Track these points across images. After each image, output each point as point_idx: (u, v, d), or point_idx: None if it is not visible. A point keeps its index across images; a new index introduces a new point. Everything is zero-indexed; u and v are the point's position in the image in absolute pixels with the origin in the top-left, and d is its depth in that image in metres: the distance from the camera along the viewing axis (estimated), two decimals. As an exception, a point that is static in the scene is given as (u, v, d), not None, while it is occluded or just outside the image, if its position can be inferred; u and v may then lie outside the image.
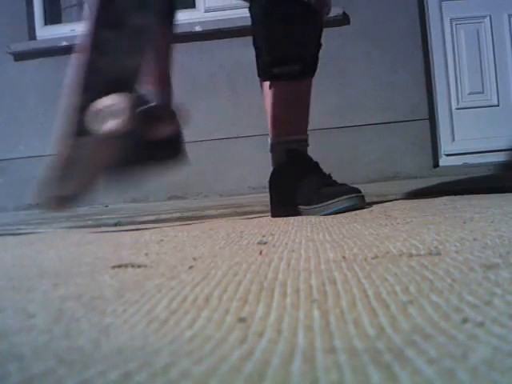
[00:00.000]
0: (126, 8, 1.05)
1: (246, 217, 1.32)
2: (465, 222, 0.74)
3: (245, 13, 1.37)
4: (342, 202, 1.18)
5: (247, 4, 1.32)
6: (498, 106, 2.82)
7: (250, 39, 1.31)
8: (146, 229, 1.17)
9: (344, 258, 0.53)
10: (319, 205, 1.18)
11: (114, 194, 2.51)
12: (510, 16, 2.82)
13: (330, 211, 1.16)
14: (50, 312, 0.39)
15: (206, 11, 2.90)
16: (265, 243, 0.69)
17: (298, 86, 1.29)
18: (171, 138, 1.11)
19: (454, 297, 0.35)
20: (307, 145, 1.29)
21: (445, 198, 1.31)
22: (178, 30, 1.30)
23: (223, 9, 2.87)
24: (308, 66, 1.29)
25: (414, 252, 0.53)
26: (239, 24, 2.61)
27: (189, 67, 2.75)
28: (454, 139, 2.82)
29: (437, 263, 0.46)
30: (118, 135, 1.02)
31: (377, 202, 1.34)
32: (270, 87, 1.30)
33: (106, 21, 1.06)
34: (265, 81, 1.31)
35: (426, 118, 2.73)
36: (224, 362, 0.26)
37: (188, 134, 1.18)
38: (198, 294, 0.42)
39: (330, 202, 1.18)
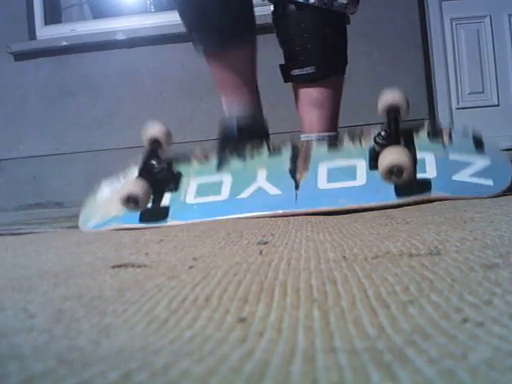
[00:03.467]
0: None
1: (246, 217, 1.32)
2: (465, 222, 0.74)
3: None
4: None
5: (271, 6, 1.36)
6: (498, 105, 2.82)
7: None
8: (146, 229, 1.17)
9: (344, 257, 0.53)
10: None
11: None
12: (510, 16, 2.82)
13: None
14: (50, 312, 0.39)
15: (206, 11, 2.90)
16: (265, 243, 0.69)
17: (319, 87, 1.33)
18: None
19: (454, 297, 0.35)
20: (337, 141, 1.34)
21: (445, 198, 1.31)
22: (179, 30, 1.31)
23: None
24: (324, 68, 1.32)
25: (414, 252, 0.53)
26: (239, 24, 2.61)
27: (189, 66, 2.76)
28: (453, 139, 2.83)
29: (437, 263, 0.46)
30: None
31: (377, 202, 1.33)
32: (295, 88, 1.34)
33: None
34: (286, 82, 1.37)
35: (426, 118, 2.73)
36: (224, 362, 0.26)
37: (188, 134, 1.18)
38: (198, 293, 0.42)
39: None
